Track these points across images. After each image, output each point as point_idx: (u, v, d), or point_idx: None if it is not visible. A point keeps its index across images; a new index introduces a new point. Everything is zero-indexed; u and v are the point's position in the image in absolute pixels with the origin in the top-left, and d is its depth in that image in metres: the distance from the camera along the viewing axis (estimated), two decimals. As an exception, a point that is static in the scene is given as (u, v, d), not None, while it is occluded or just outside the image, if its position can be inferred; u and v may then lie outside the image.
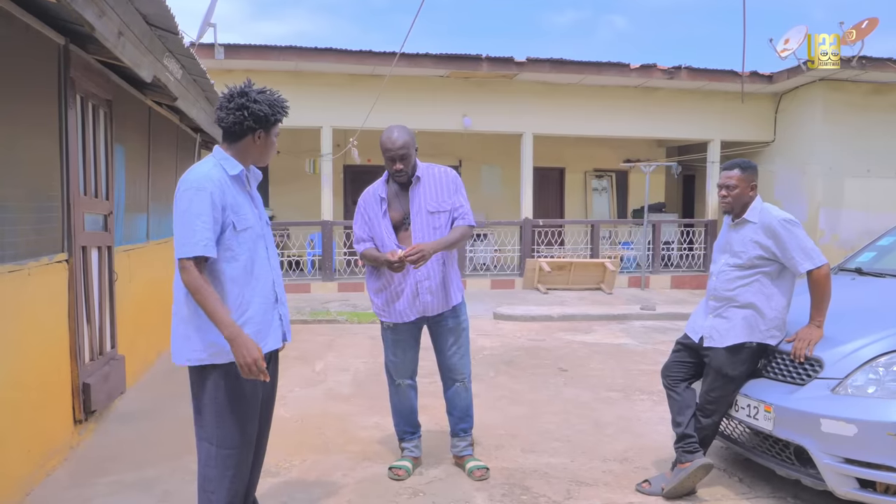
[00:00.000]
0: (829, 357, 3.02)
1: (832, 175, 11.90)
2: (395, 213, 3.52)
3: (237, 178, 2.40)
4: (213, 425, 2.38)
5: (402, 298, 3.48)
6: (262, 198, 2.64)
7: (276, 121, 2.44)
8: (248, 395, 2.42)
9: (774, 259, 3.22)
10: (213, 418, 2.37)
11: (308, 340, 7.37)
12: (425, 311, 3.50)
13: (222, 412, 2.37)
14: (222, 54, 10.07)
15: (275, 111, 2.40)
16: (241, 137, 2.40)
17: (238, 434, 2.39)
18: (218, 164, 2.39)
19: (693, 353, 3.47)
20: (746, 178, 3.32)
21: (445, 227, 3.49)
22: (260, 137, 2.42)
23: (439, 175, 3.55)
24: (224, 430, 2.38)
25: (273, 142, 2.49)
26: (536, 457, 3.90)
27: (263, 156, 2.49)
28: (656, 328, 8.48)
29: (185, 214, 2.25)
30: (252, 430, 2.46)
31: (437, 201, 3.49)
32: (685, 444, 3.31)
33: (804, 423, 2.92)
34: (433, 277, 3.47)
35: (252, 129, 2.38)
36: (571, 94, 12.05)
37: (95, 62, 4.31)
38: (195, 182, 2.29)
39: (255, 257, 2.41)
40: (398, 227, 3.51)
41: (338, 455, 3.91)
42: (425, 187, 3.50)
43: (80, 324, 4.06)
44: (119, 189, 5.01)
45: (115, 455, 3.90)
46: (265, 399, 2.58)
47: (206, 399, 2.38)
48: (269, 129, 2.44)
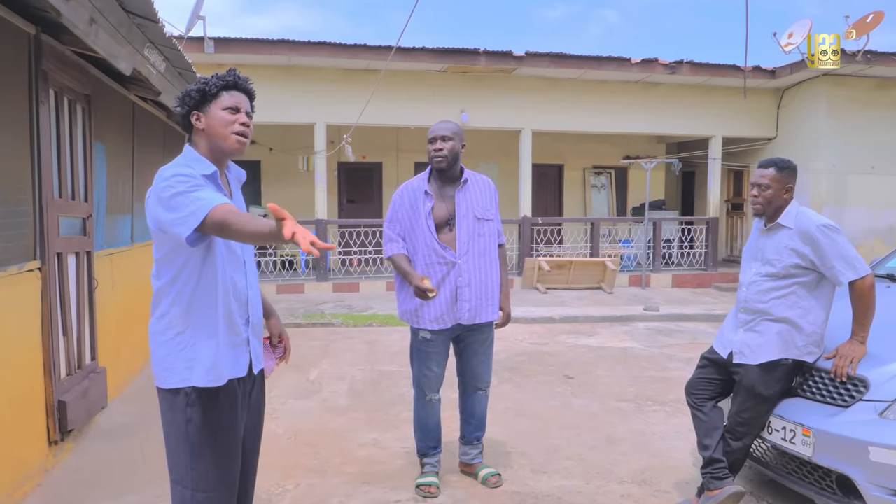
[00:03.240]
0: (874, 377, 2.75)
1: (836, 172, 11.66)
2: (438, 211, 3.36)
3: (212, 179, 2.05)
4: (186, 465, 2.04)
5: (440, 302, 3.34)
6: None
7: (204, 94, 2.06)
8: (225, 428, 2.08)
9: (812, 268, 2.95)
10: (186, 458, 2.04)
11: (302, 346, 7.06)
12: (464, 318, 3.36)
13: (196, 450, 2.03)
14: (212, 48, 9.74)
15: (199, 86, 2.05)
16: (190, 128, 2.09)
17: (215, 474, 2.05)
18: (188, 165, 2.04)
19: (720, 370, 3.20)
20: (782, 178, 3.04)
21: (489, 237, 3.43)
22: (200, 120, 2.07)
23: (485, 183, 3.50)
24: (199, 471, 2.04)
25: (220, 117, 2.06)
26: (549, 479, 3.63)
27: (218, 139, 2.07)
28: (661, 330, 8.23)
29: (170, 200, 1.89)
30: (233, 468, 2.12)
31: (484, 208, 3.42)
32: (714, 469, 3.04)
33: (849, 451, 2.66)
34: (474, 284, 3.36)
35: (188, 115, 2.07)
36: (571, 90, 11.77)
37: (72, 54, 4.00)
38: (172, 175, 1.94)
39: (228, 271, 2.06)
40: (440, 227, 3.36)
41: (334, 478, 3.62)
42: (473, 191, 3.41)
43: (55, 337, 3.76)
44: (100, 189, 4.70)
45: (93, 479, 3.61)
46: (250, 429, 2.23)
47: (178, 433, 2.05)
48: (203, 108, 2.06)
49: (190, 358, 2.00)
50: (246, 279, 2.12)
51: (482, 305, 3.40)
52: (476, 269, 3.35)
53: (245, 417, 2.17)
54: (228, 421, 2.07)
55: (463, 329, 3.42)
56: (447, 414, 3.89)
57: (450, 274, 3.32)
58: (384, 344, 7.15)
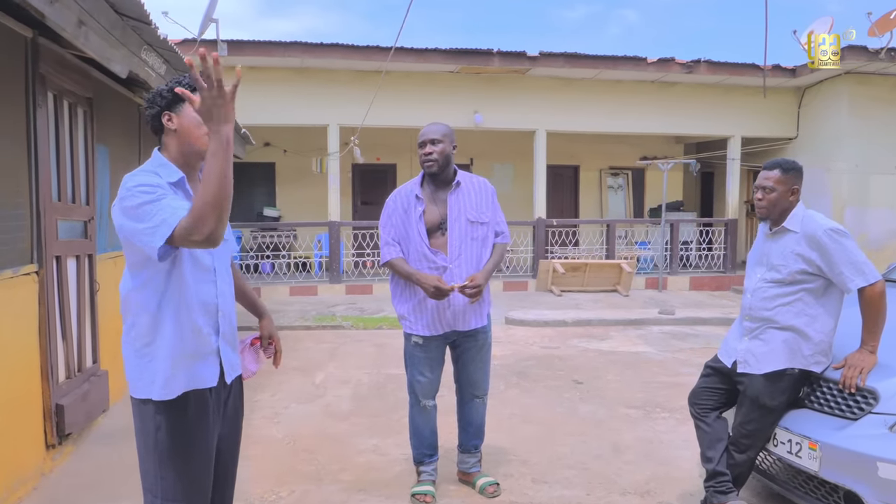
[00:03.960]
0: (885, 388, 2.63)
1: (858, 172, 11.40)
2: (430, 216, 3.29)
3: (179, 186, 1.99)
4: (155, 474, 1.99)
5: (433, 308, 3.26)
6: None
7: (176, 95, 1.96)
8: (196, 437, 2.01)
9: (820, 274, 2.83)
10: (155, 465, 1.98)
11: (311, 348, 7.05)
12: (458, 324, 3.30)
13: (164, 458, 1.98)
14: (225, 51, 9.76)
15: (172, 85, 1.97)
16: (161, 131, 2.02)
17: (185, 483, 2.00)
18: (153, 172, 1.96)
19: (725, 379, 3.09)
20: (787, 180, 2.92)
21: (484, 241, 3.34)
22: (172, 121, 1.99)
23: (479, 185, 3.40)
24: (168, 480, 1.98)
25: (193, 117, 1.97)
26: (549, 489, 3.54)
27: (191, 140, 2.00)
28: (675, 334, 8.07)
29: (136, 211, 1.82)
30: (204, 478, 2.06)
31: (478, 211, 3.32)
32: (717, 482, 2.93)
33: (857, 466, 2.54)
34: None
35: (158, 115, 2.00)
36: (586, 90, 11.64)
37: (72, 57, 4.00)
38: (135, 186, 1.87)
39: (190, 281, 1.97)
40: (432, 232, 3.29)
41: (330, 485, 3.56)
42: (465, 194, 3.32)
43: (54, 341, 3.75)
44: (102, 192, 4.69)
45: (91, 482, 3.59)
46: (226, 437, 2.17)
47: (147, 441, 2.00)
48: (175, 108, 1.99)
49: (152, 371, 1.96)
50: (216, 288, 2.05)
51: (475, 310, 3.32)
52: (468, 273, 3.27)
53: (219, 425, 2.12)
54: (198, 430, 2.01)
55: (458, 335, 3.35)
56: (448, 420, 3.82)
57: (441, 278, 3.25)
58: (393, 347, 7.09)
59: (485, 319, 3.40)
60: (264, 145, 12.61)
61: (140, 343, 1.96)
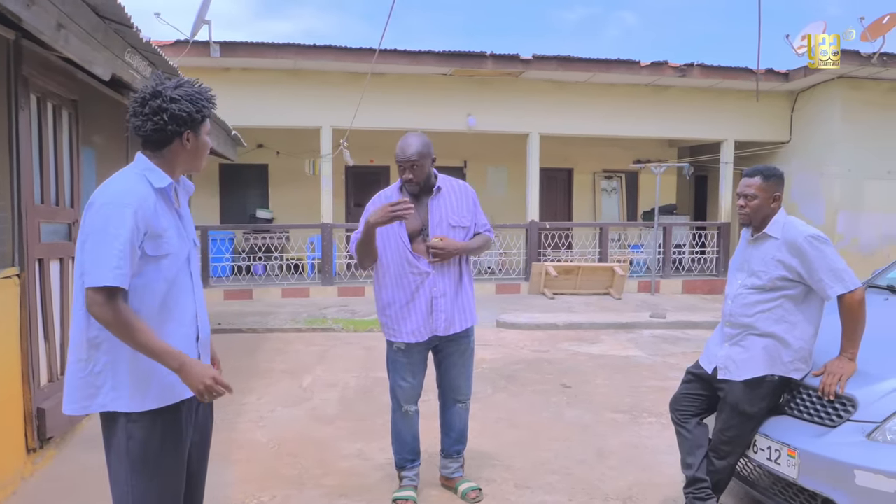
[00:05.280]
0: (863, 396, 2.62)
1: (851, 176, 11.41)
2: (412, 221, 3.26)
3: (163, 192, 2.01)
4: (127, 484, 1.97)
5: (416, 315, 3.24)
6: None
7: (204, 117, 2.04)
8: (168, 446, 2.01)
9: (800, 281, 2.83)
10: (127, 477, 1.97)
11: (300, 351, 7.03)
12: (440, 329, 3.27)
13: (136, 468, 1.96)
14: (218, 52, 9.74)
15: (199, 106, 2.00)
16: (167, 144, 2.01)
17: (158, 493, 1.99)
18: (142, 175, 1.98)
19: (706, 385, 3.08)
20: (769, 187, 2.92)
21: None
22: (189, 140, 2.02)
23: (460, 189, 3.39)
24: (138, 491, 1.97)
25: (206, 142, 2.08)
26: (531, 494, 3.53)
27: (196, 161, 2.09)
28: (666, 338, 8.07)
29: (100, 234, 1.85)
30: (176, 486, 2.06)
31: (459, 215, 3.32)
32: (696, 489, 2.93)
33: (835, 474, 2.53)
34: (449, 294, 3.27)
35: (177, 132, 1.99)
36: (579, 93, 11.64)
37: (57, 59, 3.98)
38: (116, 196, 1.90)
39: (175, 289, 2.00)
40: (413, 237, 3.28)
41: (312, 490, 3.55)
42: (447, 199, 3.31)
43: (35, 343, 3.73)
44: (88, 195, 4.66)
45: (71, 487, 3.57)
46: (196, 444, 2.16)
47: (118, 452, 1.98)
48: (198, 129, 2.04)
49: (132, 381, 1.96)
50: (193, 295, 2.06)
51: (457, 315, 3.31)
52: (450, 277, 3.27)
53: (191, 434, 2.11)
54: (171, 439, 2.01)
55: (440, 340, 3.34)
56: (431, 424, 3.81)
57: (423, 284, 3.23)
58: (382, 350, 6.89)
59: (466, 323, 3.36)
60: (257, 147, 12.58)
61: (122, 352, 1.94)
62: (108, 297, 1.83)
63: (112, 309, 1.84)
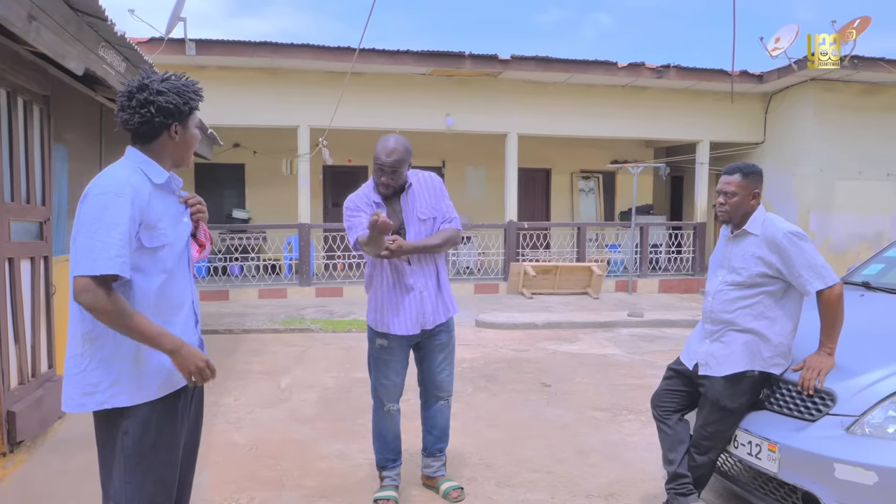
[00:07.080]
0: (842, 390, 2.65)
1: (823, 177, 11.61)
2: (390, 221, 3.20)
3: (164, 187, 2.00)
4: (121, 480, 1.96)
5: (402, 309, 3.24)
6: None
7: (192, 109, 2.03)
8: (163, 443, 2.00)
9: (779, 277, 2.85)
10: (121, 472, 1.95)
11: (277, 352, 6.95)
12: (428, 323, 3.27)
13: (131, 465, 1.95)
14: (193, 50, 9.62)
15: (186, 98, 1.99)
16: (155, 137, 2.00)
17: (152, 490, 1.98)
18: (137, 168, 1.97)
19: (687, 381, 3.10)
20: (748, 184, 2.95)
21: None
22: (177, 132, 2.01)
23: (427, 181, 3.36)
24: (133, 486, 1.95)
25: (194, 135, 2.08)
26: (512, 492, 3.51)
27: (185, 154, 2.08)
28: (644, 336, 8.13)
29: (98, 223, 1.83)
30: (170, 482, 2.05)
31: (428, 208, 3.30)
32: (678, 485, 2.94)
33: (815, 468, 2.56)
34: (430, 287, 3.28)
35: (165, 125, 1.98)
36: (558, 94, 11.69)
37: (28, 53, 3.88)
38: (112, 186, 1.88)
39: (173, 279, 2.00)
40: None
41: (291, 491, 3.50)
42: (417, 194, 3.29)
43: (5, 344, 3.64)
44: (60, 193, 4.57)
45: (42, 493, 3.48)
46: (187, 442, 2.15)
47: (112, 450, 1.97)
48: (186, 121, 2.03)
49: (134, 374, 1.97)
50: (190, 285, 2.10)
51: (441, 307, 3.33)
52: (428, 269, 3.28)
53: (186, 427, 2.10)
54: (167, 432, 2.01)
55: (422, 335, 3.32)
56: (411, 424, 3.78)
57: (409, 279, 3.24)
58: (361, 350, 6.93)
59: (448, 314, 3.36)
60: (234, 146, 12.44)
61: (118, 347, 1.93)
62: (99, 284, 1.81)
63: (102, 295, 1.82)
